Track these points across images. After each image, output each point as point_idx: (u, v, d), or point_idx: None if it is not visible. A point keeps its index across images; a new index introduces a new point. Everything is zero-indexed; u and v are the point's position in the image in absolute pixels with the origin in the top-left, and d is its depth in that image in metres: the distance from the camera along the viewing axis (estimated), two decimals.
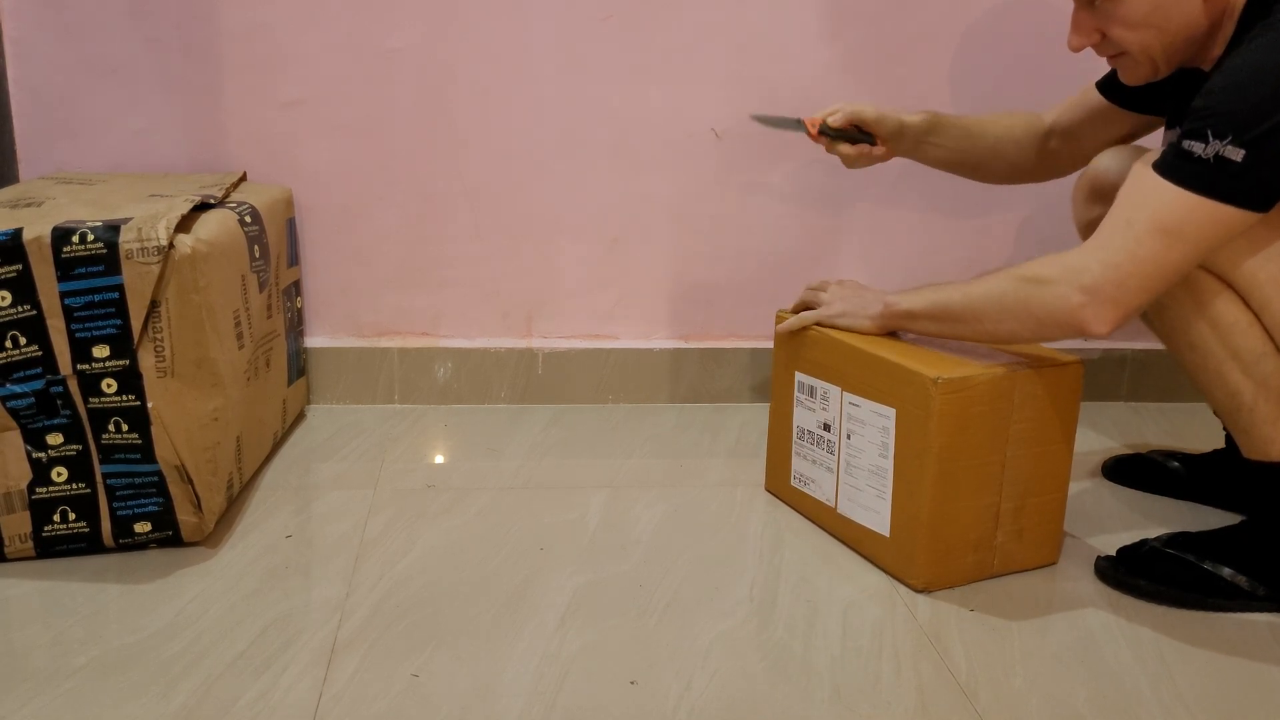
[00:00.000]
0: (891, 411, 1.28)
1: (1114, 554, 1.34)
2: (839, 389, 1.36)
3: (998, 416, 1.26)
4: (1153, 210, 1.12)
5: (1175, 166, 1.12)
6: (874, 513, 1.33)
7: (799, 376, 1.43)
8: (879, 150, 1.49)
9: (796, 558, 1.36)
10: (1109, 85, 1.44)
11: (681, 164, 1.80)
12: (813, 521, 1.45)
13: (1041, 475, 1.31)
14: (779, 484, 1.51)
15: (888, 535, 1.31)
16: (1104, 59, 1.29)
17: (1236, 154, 1.08)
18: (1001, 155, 1.52)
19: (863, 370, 1.32)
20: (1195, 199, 1.11)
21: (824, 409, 1.39)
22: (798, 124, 1.47)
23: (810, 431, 1.42)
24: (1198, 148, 1.10)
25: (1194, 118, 1.12)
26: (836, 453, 1.38)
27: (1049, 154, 1.50)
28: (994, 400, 1.25)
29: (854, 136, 1.47)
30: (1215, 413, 1.29)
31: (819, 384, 1.40)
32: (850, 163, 1.50)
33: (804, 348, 1.42)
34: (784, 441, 1.48)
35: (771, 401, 1.50)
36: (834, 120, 1.47)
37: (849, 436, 1.36)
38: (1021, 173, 1.53)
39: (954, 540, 1.28)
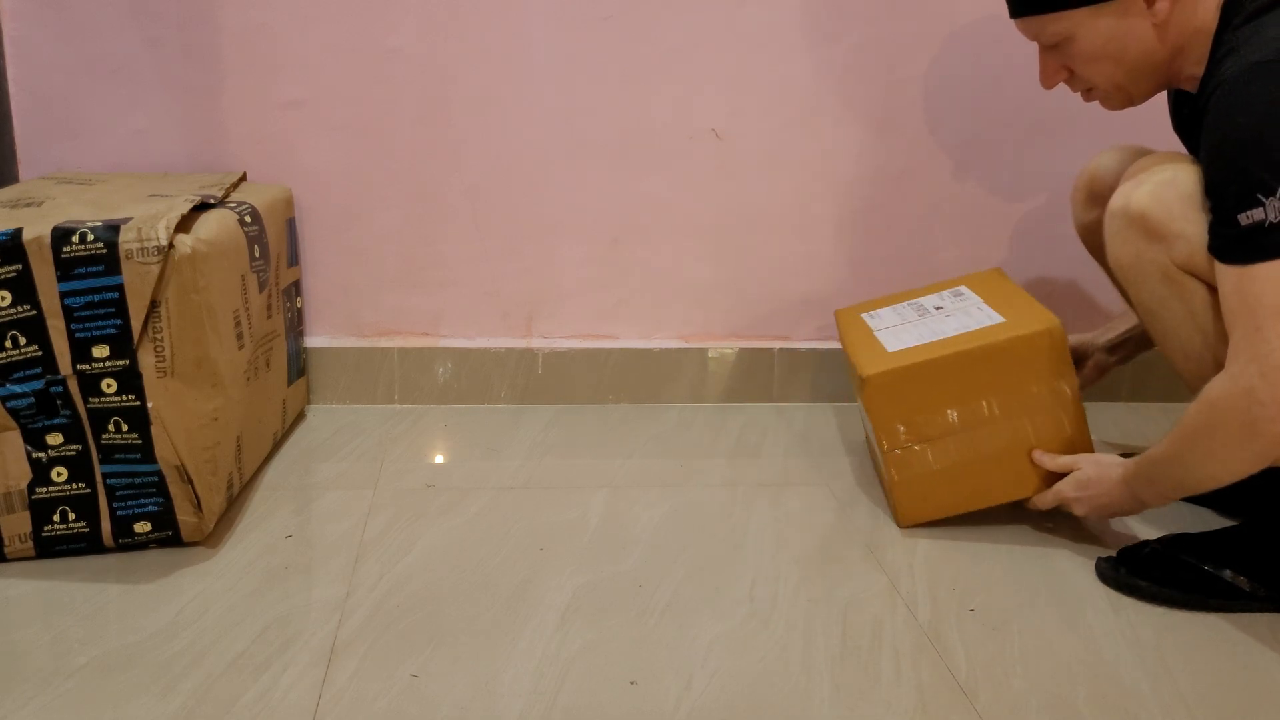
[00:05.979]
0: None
1: (1115, 555, 1.34)
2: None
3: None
4: (1268, 301, 1.08)
5: (1255, 245, 1.09)
6: None
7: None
8: (1088, 372, 1.56)
9: (796, 557, 1.36)
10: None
11: (681, 164, 1.80)
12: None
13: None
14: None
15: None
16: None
17: None
18: None
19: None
20: None
21: None
22: None
23: None
24: (1258, 215, 1.07)
25: (1233, 184, 1.09)
26: None
27: None
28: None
29: None
30: None
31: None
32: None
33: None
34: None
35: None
36: None
37: None
38: None
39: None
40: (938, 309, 1.52)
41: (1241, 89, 1.10)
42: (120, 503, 1.29)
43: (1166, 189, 1.20)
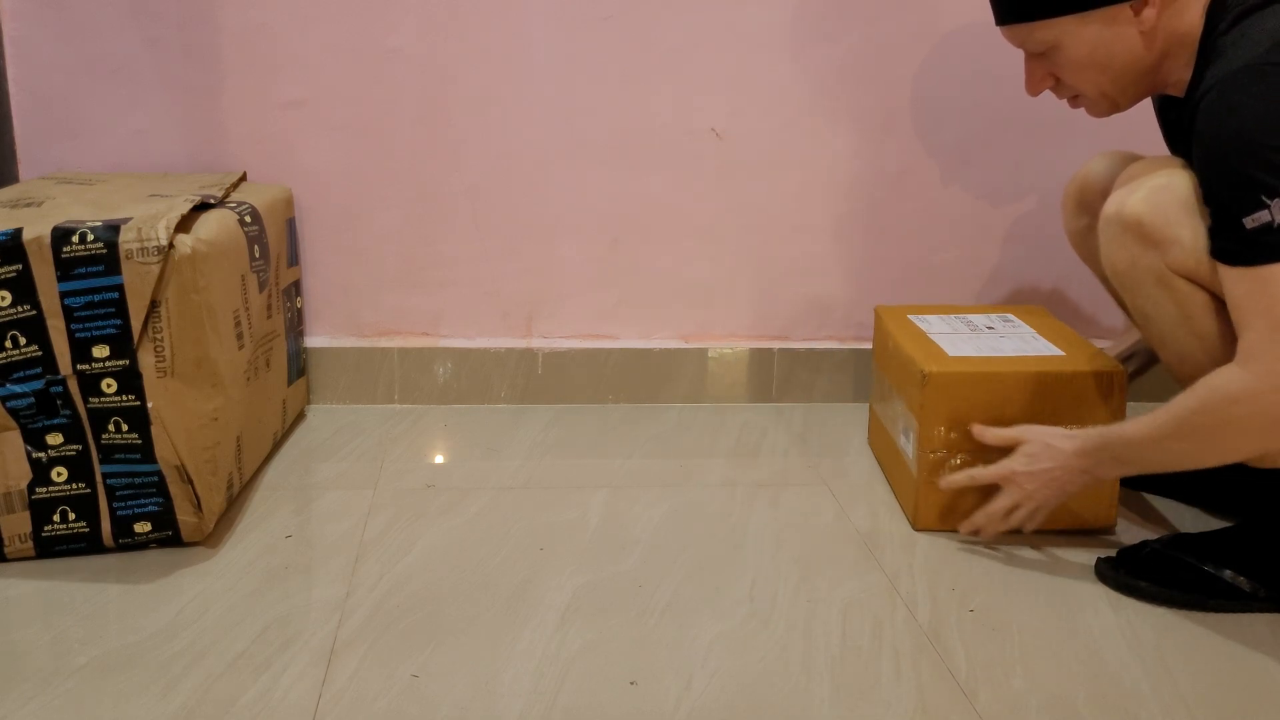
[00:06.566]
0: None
1: (1115, 555, 1.34)
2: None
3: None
4: None
5: (1265, 246, 1.09)
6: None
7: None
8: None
9: (796, 557, 1.36)
10: None
11: (681, 164, 1.80)
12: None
13: None
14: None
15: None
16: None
17: None
18: None
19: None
20: None
21: None
22: None
23: None
24: (1264, 217, 1.07)
25: (1234, 189, 1.10)
26: None
27: None
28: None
29: None
30: None
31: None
32: None
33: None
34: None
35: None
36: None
37: None
38: None
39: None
40: (989, 329, 1.53)
41: (1231, 92, 1.10)
42: (120, 503, 1.29)
43: (1161, 194, 1.21)
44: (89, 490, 1.28)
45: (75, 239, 1.22)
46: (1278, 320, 1.09)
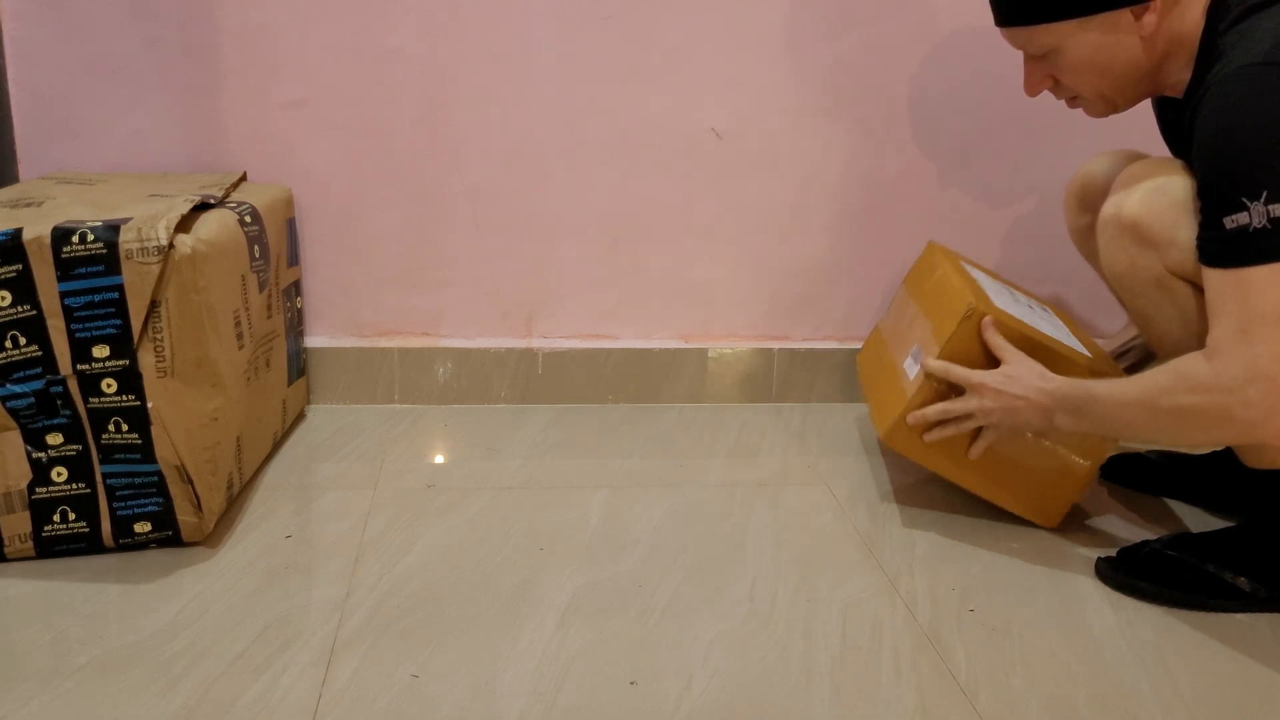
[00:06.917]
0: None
1: (1115, 555, 1.34)
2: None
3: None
4: (1254, 304, 1.08)
5: (1239, 249, 1.09)
6: None
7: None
8: None
9: (796, 557, 1.36)
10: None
11: (681, 164, 1.80)
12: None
13: None
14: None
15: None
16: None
17: None
18: None
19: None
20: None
21: None
22: None
23: None
24: (1243, 219, 1.08)
25: (1219, 188, 1.10)
26: None
27: None
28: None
29: None
30: None
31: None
32: None
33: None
34: None
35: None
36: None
37: None
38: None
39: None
40: (1029, 306, 1.52)
41: (1230, 93, 1.10)
42: (120, 503, 1.29)
43: (1157, 196, 1.21)
44: (89, 490, 1.28)
45: (75, 239, 1.22)
46: (1243, 321, 1.09)
